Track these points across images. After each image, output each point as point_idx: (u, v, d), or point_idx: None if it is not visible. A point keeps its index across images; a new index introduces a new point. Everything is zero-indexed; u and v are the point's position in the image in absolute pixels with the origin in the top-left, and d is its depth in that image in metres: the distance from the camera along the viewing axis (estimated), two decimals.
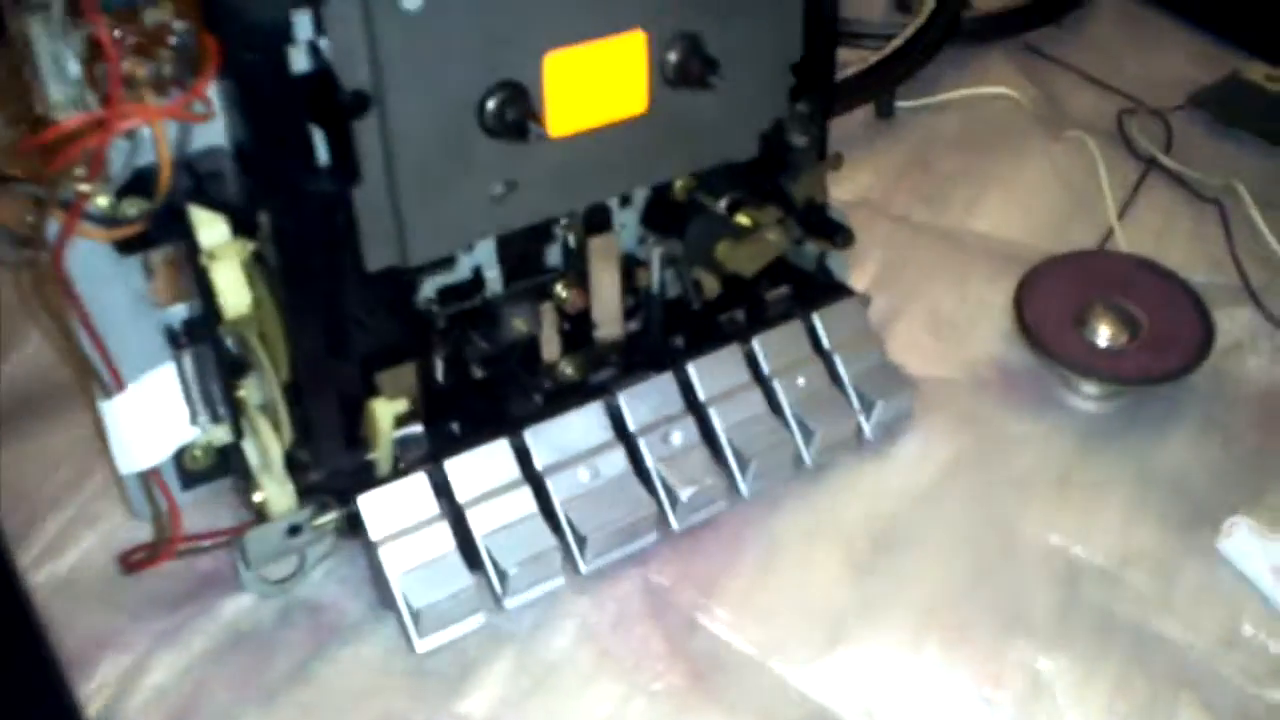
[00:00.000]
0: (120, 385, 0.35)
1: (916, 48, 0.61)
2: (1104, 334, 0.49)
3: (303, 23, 0.32)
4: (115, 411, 0.36)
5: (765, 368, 0.45)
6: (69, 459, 0.45)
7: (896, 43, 0.61)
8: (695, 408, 0.43)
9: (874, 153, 0.60)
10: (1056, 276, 0.51)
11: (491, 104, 0.35)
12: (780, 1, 0.40)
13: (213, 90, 0.32)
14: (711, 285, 0.45)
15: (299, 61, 0.32)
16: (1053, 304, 0.50)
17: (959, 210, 0.57)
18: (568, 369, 0.42)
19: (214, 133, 0.34)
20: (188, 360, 0.36)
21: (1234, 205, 0.56)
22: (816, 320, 0.46)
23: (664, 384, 0.43)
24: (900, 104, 0.62)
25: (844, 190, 0.58)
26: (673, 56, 0.38)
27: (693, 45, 0.38)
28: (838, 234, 0.46)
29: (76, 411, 0.47)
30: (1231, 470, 0.46)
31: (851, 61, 0.61)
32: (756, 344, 0.45)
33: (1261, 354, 0.51)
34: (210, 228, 0.33)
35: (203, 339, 0.36)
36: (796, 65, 0.42)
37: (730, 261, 0.42)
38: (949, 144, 0.61)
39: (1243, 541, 0.44)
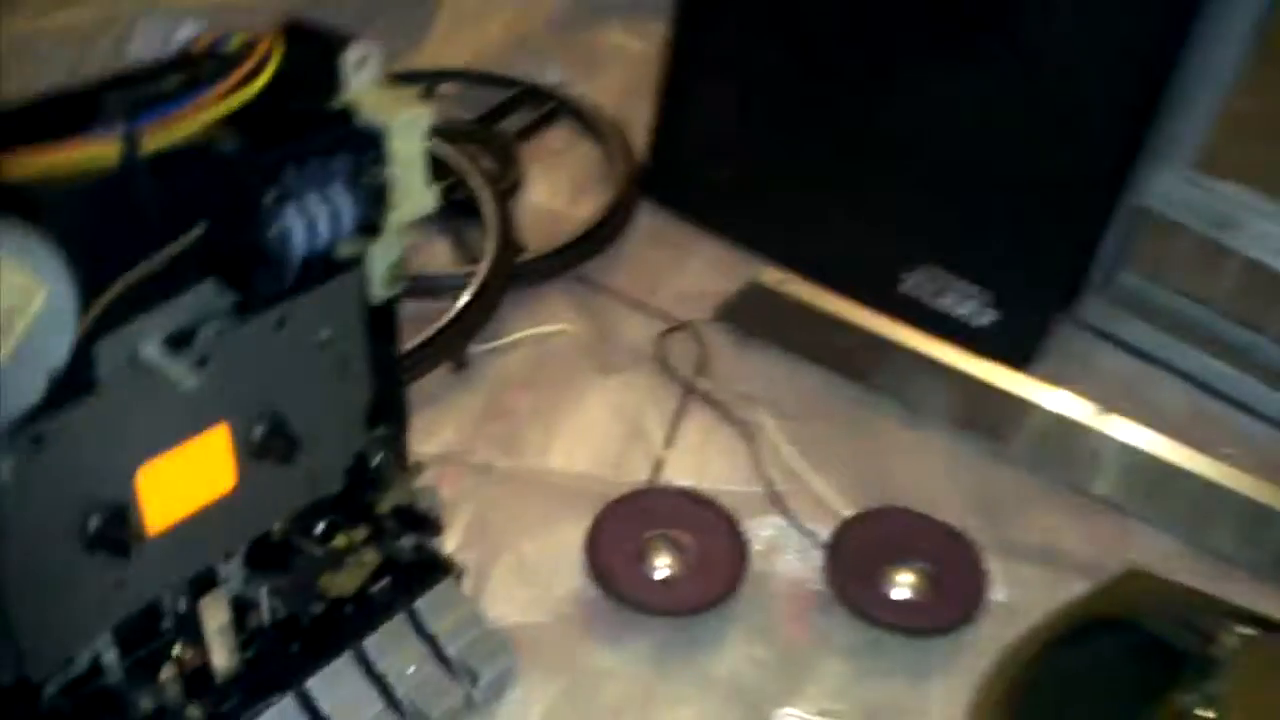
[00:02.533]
0: None
1: (482, 300, 0.69)
2: (662, 566, 0.58)
3: None
4: None
5: (378, 667, 0.50)
6: None
7: (464, 299, 0.68)
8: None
9: (453, 404, 0.67)
10: (617, 519, 0.60)
11: (92, 525, 0.39)
12: (348, 363, 0.46)
13: None
14: (319, 606, 0.50)
15: None
16: (617, 545, 0.59)
17: (534, 453, 0.66)
18: (194, 713, 0.46)
19: None
20: None
21: (759, 421, 0.68)
22: (420, 607, 0.52)
23: (287, 707, 0.48)
24: (472, 349, 0.69)
25: (430, 445, 0.65)
26: (257, 433, 0.43)
27: (274, 424, 0.44)
28: (426, 527, 0.52)
29: None
30: (776, 665, 0.57)
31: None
32: (368, 646, 0.50)
33: (790, 554, 0.62)
34: None
35: None
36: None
37: (333, 589, 0.48)
38: (520, 386, 0.69)
39: None
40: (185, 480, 0.42)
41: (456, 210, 0.76)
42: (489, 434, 0.66)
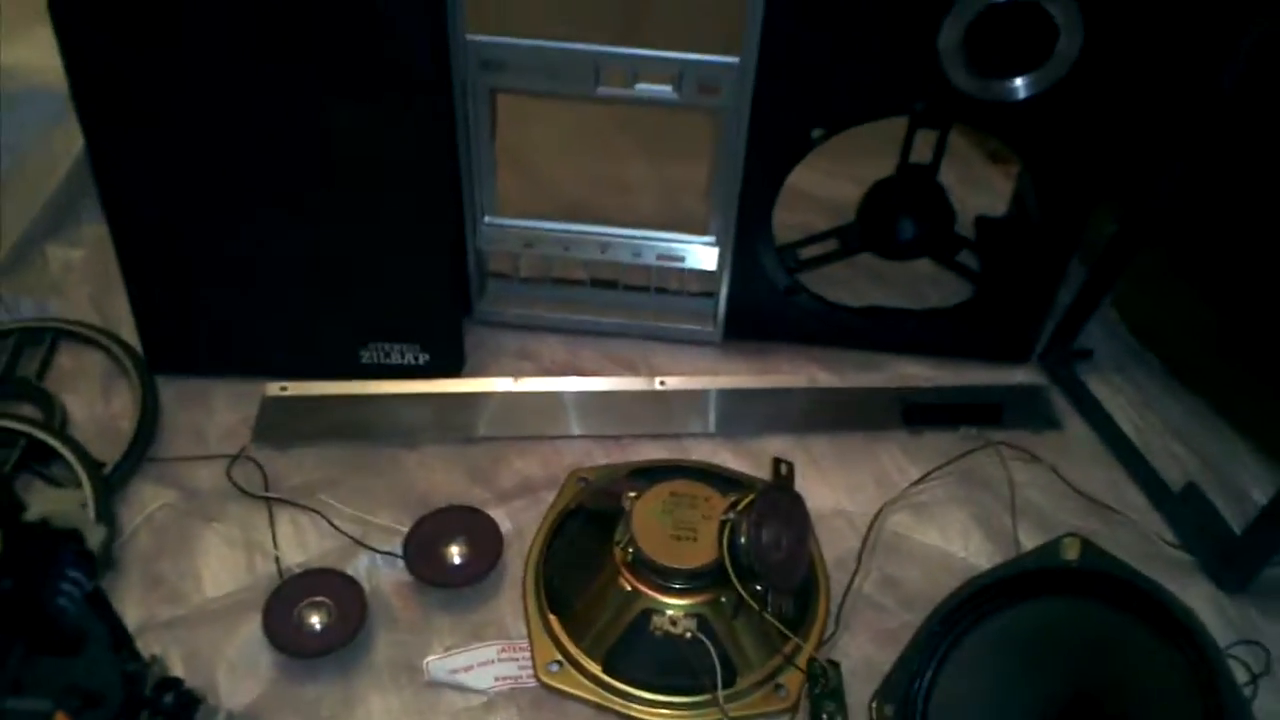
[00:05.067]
0: None
1: (100, 519, 0.95)
2: (315, 623, 0.91)
3: None
4: None
5: None
6: None
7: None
8: None
9: (122, 594, 0.94)
10: (273, 607, 0.90)
11: None
12: (97, 637, 0.75)
13: None
14: None
15: None
16: (281, 624, 0.89)
17: (195, 595, 0.93)
18: None
19: None
20: None
21: (320, 498, 1.01)
22: None
23: None
24: (112, 551, 0.96)
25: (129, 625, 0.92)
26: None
27: (85, 699, 0.72)
28: (173, 684, 0.82)
29: None
30: (411, 639, 0.92)
31: None
32: None
33: (384, 571, 0.96)
34: None
35: None
36: None
37: None
38: (158, 557, 0.96)
39: (436, 670, 0.90)
40: None
41: (38, 459, 1.01)
42: (158, 599, 0.94)
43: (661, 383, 1.11)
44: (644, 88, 1.00)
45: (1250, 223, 1.04)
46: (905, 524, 1.02)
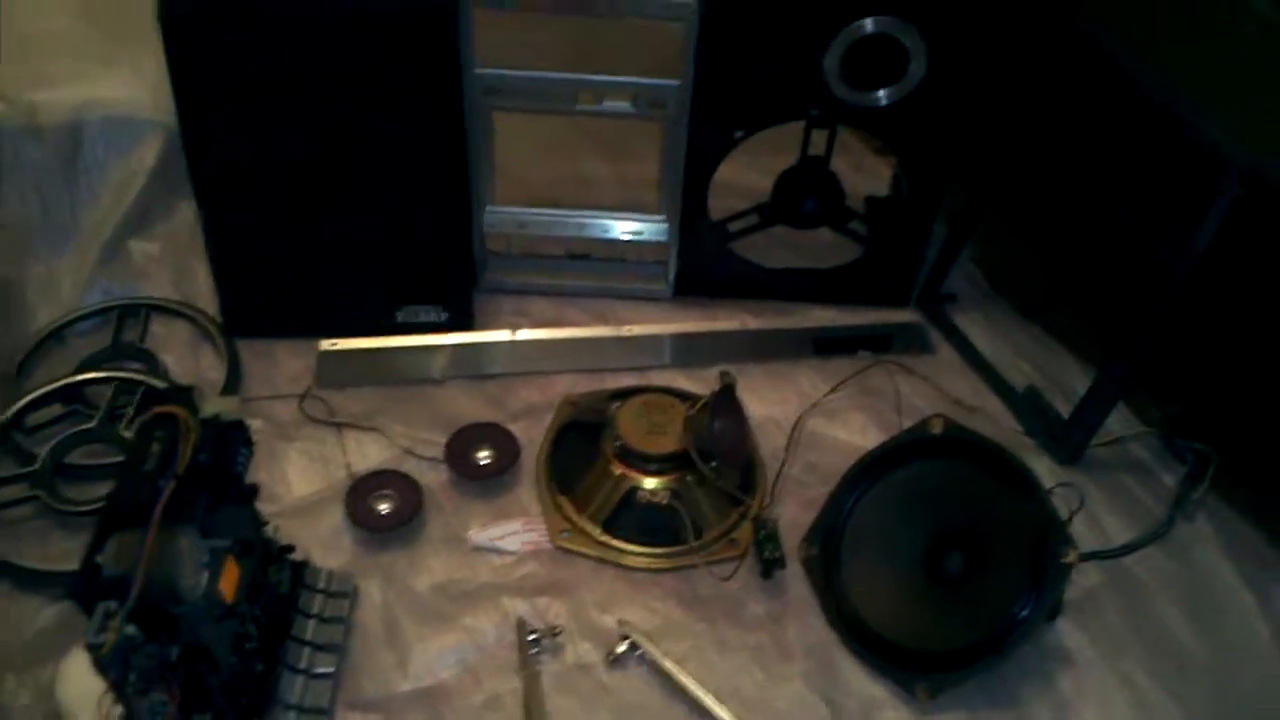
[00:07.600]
0: None
1: None
2: (383, 508, 1.18)
3: None
4: None
5: (310, 611, 1.08)
6: None
7: None
8: None
9: None
10: (352, 498, 1.18)
11: None
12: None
13: None
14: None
15: None
16: (359, 508, 1.17)
17: (286, 495, 1.21)
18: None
19: None
20: None
21: (378, 423, 1.28)
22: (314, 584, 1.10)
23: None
24: None
25: None
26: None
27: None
28: (304, 566, 1.10)
29: None
30: (454, 519, 1.20)
31: None
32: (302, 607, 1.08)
33: (428, 471, 1.24)
34: None
35: None
36: None
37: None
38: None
39: (477, 539, 1.18)
40: None
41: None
42: (259, 499, 1.19)
43: (628, 330, 1.41)
44: (610, 104, 1.30)
45: (1058, 195, 1.37)
46: (819, 425, 1.32)
